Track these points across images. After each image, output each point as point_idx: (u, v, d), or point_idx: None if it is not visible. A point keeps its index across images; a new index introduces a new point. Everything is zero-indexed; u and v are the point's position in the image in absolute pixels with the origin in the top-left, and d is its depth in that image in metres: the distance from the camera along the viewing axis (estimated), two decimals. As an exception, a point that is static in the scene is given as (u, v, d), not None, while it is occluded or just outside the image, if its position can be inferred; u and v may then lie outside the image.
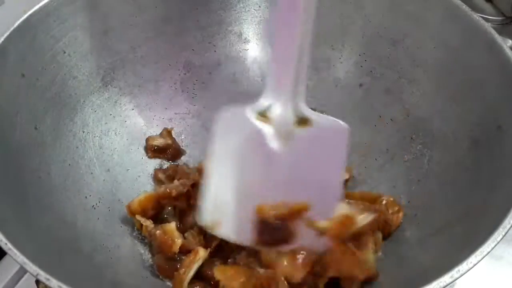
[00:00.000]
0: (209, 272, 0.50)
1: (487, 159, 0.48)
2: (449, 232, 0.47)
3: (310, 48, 0.47)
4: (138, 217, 0.55)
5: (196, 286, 0.50)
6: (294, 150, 0.49)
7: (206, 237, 0.53)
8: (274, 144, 0.49)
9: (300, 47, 0.46)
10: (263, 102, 0.49)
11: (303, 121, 0.49)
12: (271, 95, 0.49)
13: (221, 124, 0.49)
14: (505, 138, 0.47)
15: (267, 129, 0.49)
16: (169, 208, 0.57)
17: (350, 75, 0.65)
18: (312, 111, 0.49)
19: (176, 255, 0.52)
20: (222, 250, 0.53)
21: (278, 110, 0.49)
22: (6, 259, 0.61)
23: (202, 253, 0.51)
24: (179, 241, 0.52)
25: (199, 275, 0.51)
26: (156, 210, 0.56)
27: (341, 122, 0.49)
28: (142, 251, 0.55)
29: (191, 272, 0.50)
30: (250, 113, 0.49)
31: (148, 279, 0.52)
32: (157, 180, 0.62)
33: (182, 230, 0.54)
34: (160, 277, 0.53)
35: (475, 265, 0.38)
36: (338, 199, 0.49)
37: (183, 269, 0.50)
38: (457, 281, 0.38)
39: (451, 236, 0.46)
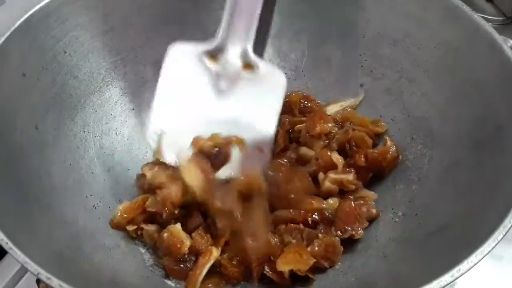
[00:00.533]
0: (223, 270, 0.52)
1: (487, 159, 0.48)
2: (450, 231, 0.46)
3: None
4: (129, 227, 0.54)
5: (209, 284, 0.51)
6: (237, 91, 0.56)
7: (213, 235, 0.54)
8: (219, 83, 0.56)
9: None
10: (215, 43, 0.56)
11: (249, 65, 0.56)
12: (224, 36, 0.55)
13: (172, 57, 0.56)
14: (505, 138, 0.47)
15: (215, 69, 0.56)
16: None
17: (351, 75, 0.65)
18: (258, 58, 0.56)
19: (186, 256, 0.52)
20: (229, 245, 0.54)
21: (228, 52, 0.55)
22: (7, 258, 0.61)
23: (215, 253, 0.52)
24: (187, 242, 0.52)
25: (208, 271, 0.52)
26: (148, 213, 0.55)
27: (280, 72, 0.57)
28: (143, 251, 0.55)
29: (205, 272, 0.51)
30: (201, 52, 0.56)
31: (148, 279, 0.52)
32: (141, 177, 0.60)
33: (187, 230, 0.54)
34: (170, 278, 0.53)
35: (475, 264, 0.38)
36: (270, 144, 0.57)
37: (198, 270, 0.51)
38: (457, 280, 0.38)
39: (451, 236, 0.46)
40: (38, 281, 0.56)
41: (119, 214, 0.55)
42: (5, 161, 0.48)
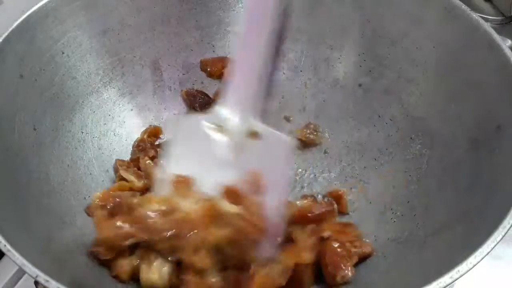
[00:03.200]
0: None
1: (487, 159, 0.48)
2: (449, 232, 0.47)
3: (268, 68, 0.52)
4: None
5: None
6: (244, 159, 0.52)
7: None
8: (226, 152, 0.53)
9: (261, 66, 0.51)
10: (219, 113, 0.53)
11: (254, 133, 0.53)
12: (229, 108, 0.53)
13: (180, 131, 0.54)
14: (505, 138, 0.47)
15: (221, 139, 0.53)
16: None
17: (349, 75, 0.65)
18: (263, 125, 0.53)
19: None
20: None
21: (233, 122, 0.53)
22: (5, 259, 0.61)
23: None
24: None
25: None
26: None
27: (286, 137, 0.54)
28: (142, 252, 0.55)
29: None
30: (206, 123, 0.53)
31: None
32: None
33: None
34: None
35: (474, 265, 0.38)
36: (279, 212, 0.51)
37: None
38: (456, 281, 0.38)
39: (450, 236, 0.46)
40: (37, 283, 0.56)
41: (95, 201, 0.53)
42: (3, 162, 0.48)
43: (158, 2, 0.64)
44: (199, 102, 0.66)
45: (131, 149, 0.63)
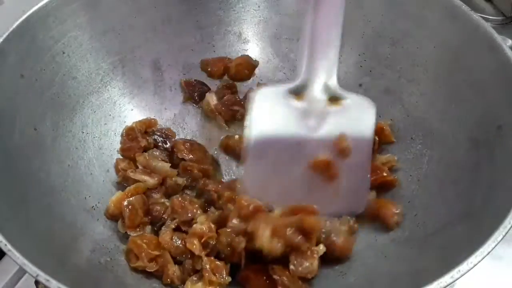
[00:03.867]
0: None
1: (487, 159, 0.48)
2: (449, 232, 0.47)
3: (341, 30, 0.52)
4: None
5: None
6: (325, 126, 0.54)
7: None
8: (308, 120, 0.54)
9: (337, 34, 0.52)
10: (298, 81, 0.53)
11: (334, 99, 0.54)
12: (307, 74, 0.53)
13: (258, 101, 0.53)
14: (505, 138, 0.47)
15: (301, 106, 0.53)
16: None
17: (350, 75, 0.65)
18: (343, 90, 0.54)
19: None
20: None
21: (312, 88, 0.53)
22: (5, 259, 0.61)
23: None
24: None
25: None
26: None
27: (369, 100, 0.55)
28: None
29: None
30: (285, 92, 0.53)
31: (147, 280, 0.52)
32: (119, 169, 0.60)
33: None
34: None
35: (475, 265, 0.38)
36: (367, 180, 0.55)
37: None
38: (457, 281, 0.38)
39: (451, 236, 0.46)
40: (37, 282, 0.56)
41: (112, 205, 0.55)
42: (3, 162, 0.48)
43: (158, 2, 0.64)
44: (198, 92, 0.67)
45: (120, 137, 0.62)
